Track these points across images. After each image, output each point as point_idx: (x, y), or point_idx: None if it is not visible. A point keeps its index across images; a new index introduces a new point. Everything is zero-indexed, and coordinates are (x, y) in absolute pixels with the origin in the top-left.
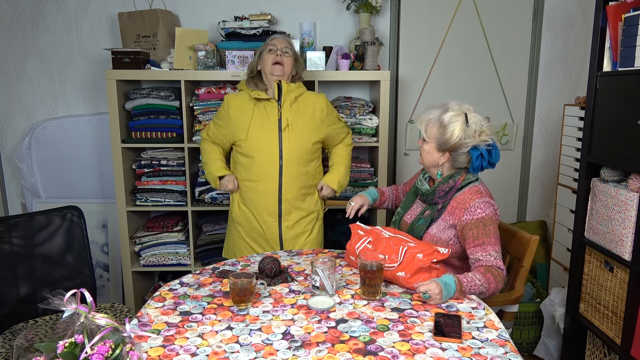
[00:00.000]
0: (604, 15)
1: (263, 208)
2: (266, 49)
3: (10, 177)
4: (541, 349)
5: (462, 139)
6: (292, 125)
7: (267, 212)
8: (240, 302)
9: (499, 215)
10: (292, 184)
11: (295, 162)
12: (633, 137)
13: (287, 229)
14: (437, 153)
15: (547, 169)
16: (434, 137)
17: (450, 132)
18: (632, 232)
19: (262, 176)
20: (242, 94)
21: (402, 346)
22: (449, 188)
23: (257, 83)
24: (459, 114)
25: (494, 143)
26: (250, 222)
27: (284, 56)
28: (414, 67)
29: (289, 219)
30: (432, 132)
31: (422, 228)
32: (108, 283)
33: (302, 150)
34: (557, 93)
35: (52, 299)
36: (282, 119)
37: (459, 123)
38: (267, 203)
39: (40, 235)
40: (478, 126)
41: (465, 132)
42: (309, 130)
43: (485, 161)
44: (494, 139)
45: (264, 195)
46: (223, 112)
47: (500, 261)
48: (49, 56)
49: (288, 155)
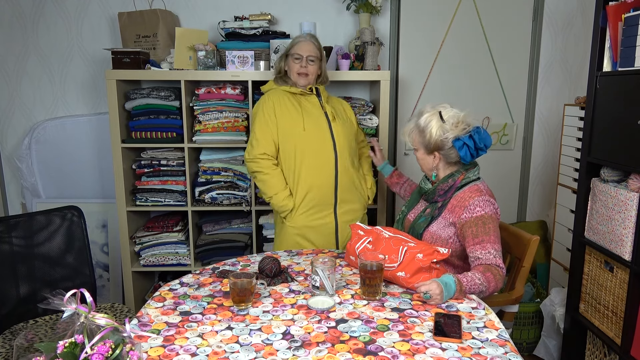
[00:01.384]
0: (604, 15)
1: (320, 198)
2: (292, 56)
3: (10, 177)
4: (541, 349)
5: (442, 135)
6: (337, 117)
7: (324, 203)
8: (240, 302)
9: (499, 214)
10: (346, 173)
11: (347, 152)
12: (633, 137)
13: (341, 217)
14: (428, 157)
15: (547, 169)
16: (419, 143)
17: (428, 132)
18: (632, 232)
19: (319, 168)
20: (275, 92)
21: (402, 346)
22: (448, 187)
23: (286, 80)
24: (433, 113)
25: (477, 128)
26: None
27: (309, 65)
28: (414, 67)
29: (343, 207)
30: (415, 139)
31: (423, 226)
32: (108, 283)
33: (350, 140)
34: (557, 93)
35: (52, 299)
36: (327, 111)
37: (434, 121)
38: (323, 193)
39: (40, 235)
40: (454, 119)
41: (442, 128)
42: (348, 123)
43: (472, 149)
44: (475, 124)
45: (321, 186)
46: (267, 115)
47: (499, 259)
48: (49, 56)
49: (340, 145)
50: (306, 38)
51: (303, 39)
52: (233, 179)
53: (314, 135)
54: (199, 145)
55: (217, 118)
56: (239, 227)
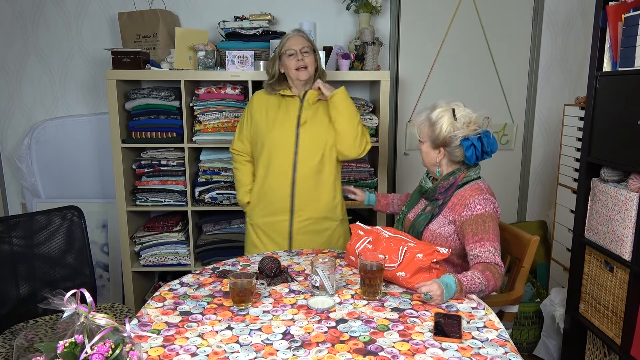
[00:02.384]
0: (604, 15)
1: (275, 203)
2: (285, 54)
3: (10, 177)
4: (541, 349)
5: (451, 132)
6: (309, 123)
7: (279, 208)
8: (240, 302)
9: (499, 214)
10: (306, 181)
11: (314, 158)
12: (633, 137)
13: (297, 224)
14: (433, 151)
15: (547, 169)
16: (427, 136)
17: (439, 127)
18: (632, 232)
19: (277, 172)
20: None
21: (402, 346)
22: (449, 185)
23: (275, 87)
24: (446, 109)
25: (487, 132)
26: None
27: (305, 57)
28: (414, 67)
29: (302, 215)
30: (424, 132)
31: (423, 224)
32: (108, 283)
33: (323, 147)
34: (557, 93)
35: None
36: (302, 115)
37: (446, 117)
38: (278, 197)
39: (41, 235)
40: (466, 118)
41: (453, 125)
42: (325, 128)
43: (478, 151)
44: (485, 128)
45: (276, 190)
46: (246, 113)
47: (498, 258)
48: (49, 56)
49: (305, 150)
50: (294, 33)
51: (291, 34)
52: (233, 179)
53: (277, 138)
54: (199, 145)
55: (217, 118)
56: (239, 227)
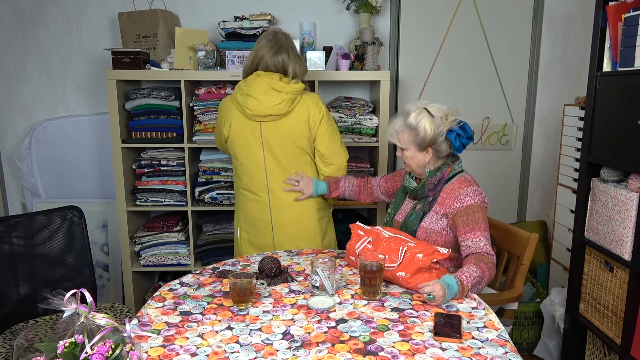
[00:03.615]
0: (604, 15)
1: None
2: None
3: (10, 177)
4: (541, 349)
5: (435, 130)
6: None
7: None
8: (240, 302)
9: (487, 204)
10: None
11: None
12: (633, 137)
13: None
14: (419, 154)
15: (547, 169)
16: (409, 142)
17: (422, 129)
18: (632, 232)
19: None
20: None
21: (402, 346)
22: (437, 180)
23: None
24: (420, 111)
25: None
26: None
27: None
28: (414, 67)
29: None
30: (405, 139)
31: (415, 222)
32: (108, 283)
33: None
34: (557, 93)
35: (52, 299)
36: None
37: (425, 118)
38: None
39: (41, 235)
40: (441, 112)
41: (434, 123)
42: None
43: (464, 138)
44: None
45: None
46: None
47: (489, 247)
48: (49, 56)
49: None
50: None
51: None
52: (232, 177)
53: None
54: (199, 145)
55: None
56: None
